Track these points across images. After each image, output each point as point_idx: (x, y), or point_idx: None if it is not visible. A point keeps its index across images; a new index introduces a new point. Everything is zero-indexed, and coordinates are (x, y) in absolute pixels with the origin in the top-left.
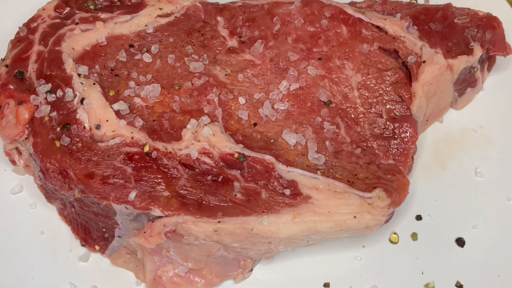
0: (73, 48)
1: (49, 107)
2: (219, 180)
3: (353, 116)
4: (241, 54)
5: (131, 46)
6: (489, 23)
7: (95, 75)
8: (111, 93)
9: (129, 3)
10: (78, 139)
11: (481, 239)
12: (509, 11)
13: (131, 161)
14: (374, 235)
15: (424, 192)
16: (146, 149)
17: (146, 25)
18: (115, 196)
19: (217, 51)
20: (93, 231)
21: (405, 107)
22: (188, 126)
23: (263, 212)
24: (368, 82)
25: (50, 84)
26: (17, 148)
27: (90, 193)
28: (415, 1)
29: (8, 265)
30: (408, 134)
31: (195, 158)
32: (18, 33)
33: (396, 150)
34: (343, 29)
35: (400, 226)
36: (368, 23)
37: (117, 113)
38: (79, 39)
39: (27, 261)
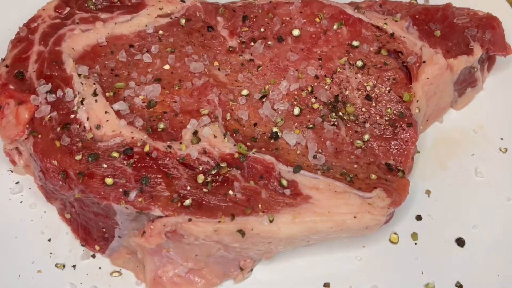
0: (73, 48)
1: (49, 107)
2: (219, 180)
3: (353, 116)
4: (241, 54)
5: (131, 46)
6: (489, 23)
7: (95, 75)
8: (111, 93)
9: (129, 3)
10: (78, 139)
11: (481, 239)
12: (509, 11)
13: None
14: (374, 235)
15: (424, 192)
16: (146, 149)
17: (146, 25)
18: (115, 196)
19: (217, 51)
20: (93, 231)
21: (405, 107)
22: (188, 126)
23: (263, 212)
24: (368, 82)
25: (50, 84)
26: (17, 148)
27: (90, 193)
28: (415, 1)
29: (8, 265)
30: (408, 135)
31: (195, 158)
32: (18, 33)
33: (396, 150)
34: (343, 29)
35: (400, 226)
36: (368, 23)
37: (117, 113)
38: (79, 39)
39: (27, 261)
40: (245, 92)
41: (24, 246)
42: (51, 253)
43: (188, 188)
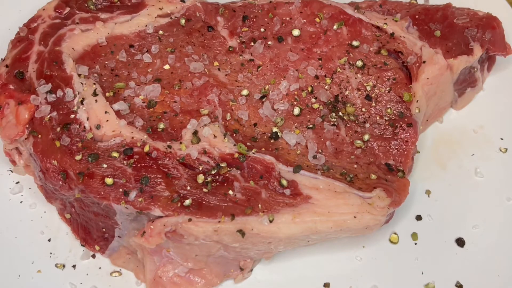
0: (73, 48)
1: (49, 107)
2: (219, 180)
3: (353, 116)
4: (241, 54)
5: (131, 46)
6: (489, 23)
7: (95, 75)
8: (111, 93)
9: (129, 3)
10: (78, 139)
11: (481, 239)
12: (509, 11)
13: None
14: (374, 235)
15: (424, 192)
16: (146, 149)
17: (146, 25)
18: (115, 196)
19: (217, 51)
20: (93, 231)
21: (405, 107)
22: (188, 126)
23: (263, 212)
24: (368, 82)
25: (50, 84)
26: (17, 148)
27: (90, 193)
28: (415, 1)
29: (8, 265)
30: (408, 135)
31: (195, 158)
32: (18, 33)
33: (396, 151)
34: (343, 29)
35: (400, 226)
36: (368, 23)
37: (117, 113)
38: (79, 39)
39: (27, 261)
40: (245, 92)
41: (24, 246)
42: (51, 253)
43: (188, 188)
